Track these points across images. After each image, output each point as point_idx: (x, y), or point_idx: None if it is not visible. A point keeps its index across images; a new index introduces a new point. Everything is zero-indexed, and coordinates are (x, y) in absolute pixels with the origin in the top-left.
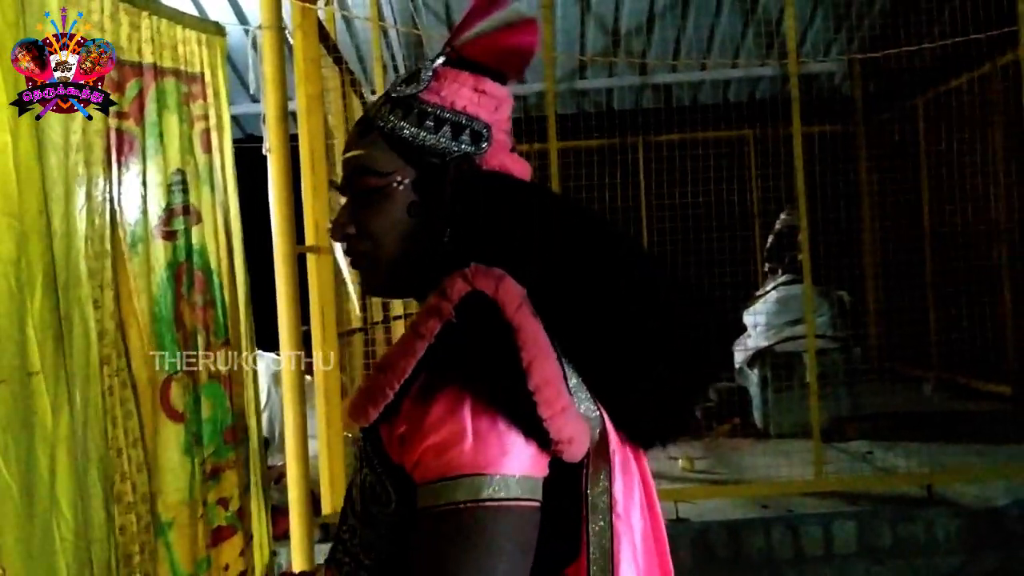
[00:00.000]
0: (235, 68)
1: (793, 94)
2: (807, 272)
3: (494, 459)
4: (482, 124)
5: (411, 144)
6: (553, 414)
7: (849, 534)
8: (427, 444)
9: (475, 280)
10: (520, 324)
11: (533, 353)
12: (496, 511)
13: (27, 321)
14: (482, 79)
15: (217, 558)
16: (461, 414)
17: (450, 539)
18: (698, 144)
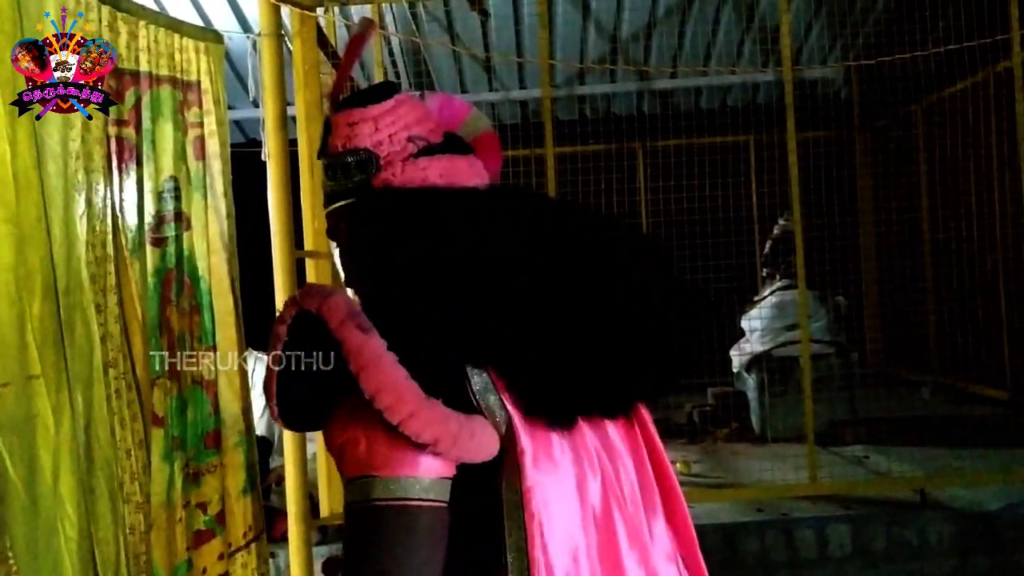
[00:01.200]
0: (237, 73)
1: (787, 100)
2: (801, 277)
3: (383, 460)
4: (362, 153)
5: (332, 197)
6: (402, 419)
7: (843, 537)
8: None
9: (302, 300)
10: (343, 337)
11: (360, 364)
12: (386, 511)
13: (27, 326)
14: (351, 112)
15: (197, 560)
16: (358, 418)
17: (351, 538)
18: (697, 150)
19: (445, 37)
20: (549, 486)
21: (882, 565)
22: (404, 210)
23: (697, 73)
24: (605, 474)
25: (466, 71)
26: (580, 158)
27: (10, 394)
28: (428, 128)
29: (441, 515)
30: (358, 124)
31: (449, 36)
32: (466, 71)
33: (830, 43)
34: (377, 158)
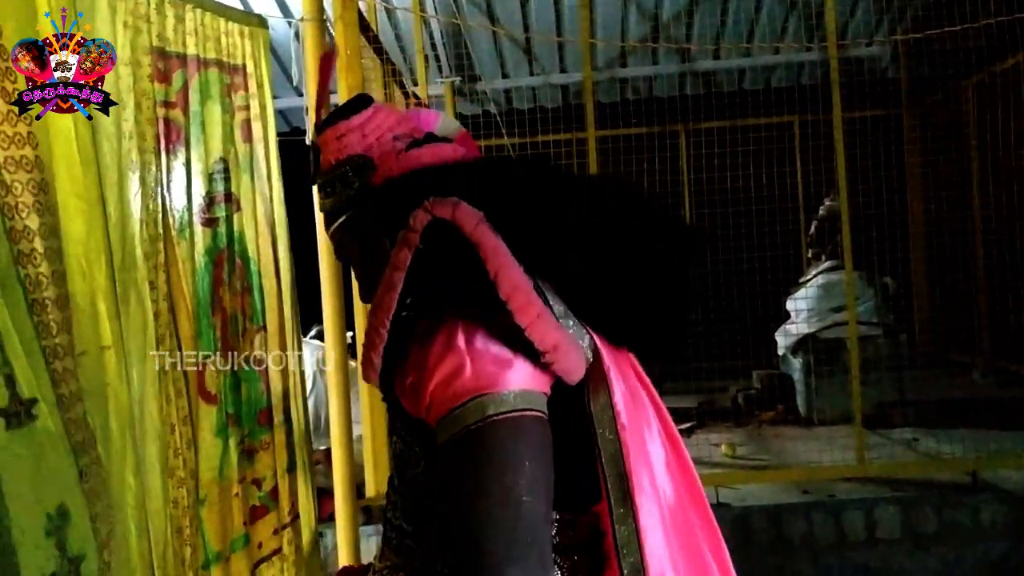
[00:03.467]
0: (280, 61)
1: (833, 77)
2: (848, 258)
3: (493, 378)
4: (356, 158)
5: (332, 215)
6: (531, 321)
7: (892, 520)
8: (434, 383)
9: (434, 209)
10: (480, 239)
11: (497, 264)
12: (505, 424)
13: (99, 297)
14: (336, 126)
15: (253, 535)
16: (457, 345)
17: (469, 460)
18: (741, 131)
19: (486, 20)
20: (629, 404)
21: (933, 547)
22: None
23: (740, 53)
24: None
25: (506, 55)
26: (623, 140)
27: (87, 362)
28: (409, 128)
29: (547, 428)
30: (345, 135)
31: (489, 19)
32: (506, 55)
33: (876, 19)
34: (370, 160)
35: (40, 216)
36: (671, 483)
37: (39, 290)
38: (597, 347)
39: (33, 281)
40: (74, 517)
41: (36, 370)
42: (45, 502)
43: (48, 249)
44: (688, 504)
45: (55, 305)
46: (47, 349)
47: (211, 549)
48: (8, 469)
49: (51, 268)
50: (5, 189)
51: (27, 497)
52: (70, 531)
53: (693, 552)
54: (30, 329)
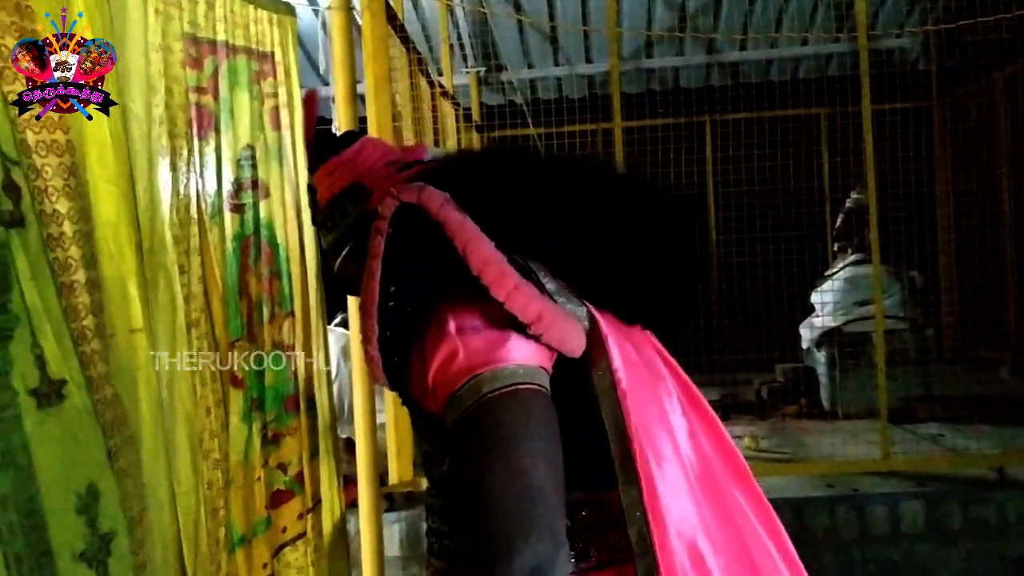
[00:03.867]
0: (306, 50)
1: (863, 68)
2: (875, 251)
3: (484, 357)
4: (351, 189)
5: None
6: (507, 293)
7: (917, 515)
8: (434, 372)
9: (400, 194)
10: (445, 218)
11: (464, 239)
12: (499, 400)
13: (128, 280)
14: (327, 163)
15: (276, 519)
16: (447, 331)
17: (470, 442)
18: (768, 122)
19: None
20: (630, 372)
21: (958, 543)
22: None
23: (767, 44)
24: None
25: (532, 45)
26: (648, 131)
27: (117, 344)
28: (400, 156)
29: (548, 400)
30: (337, 170)
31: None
32: (532, 45)
33: (907, 10)
34: (364, 186)
35: (70, 200)
36: (696, 452)
37: (68, 273)
38: (594, 317)
39: (62, 264)
40: (104, 495)
41: (65, 352)
42: (75, 481)
43: (77, 232)
44: (727, 475)
45: (84, 288)
46: (76, 331)
47: (236, 532)
48: (39, 448)
49: (80, 251)
50: (36, 173)
51: (58, 476)
52: (100, 509)
53: (728, 520)
54: (59, 311)
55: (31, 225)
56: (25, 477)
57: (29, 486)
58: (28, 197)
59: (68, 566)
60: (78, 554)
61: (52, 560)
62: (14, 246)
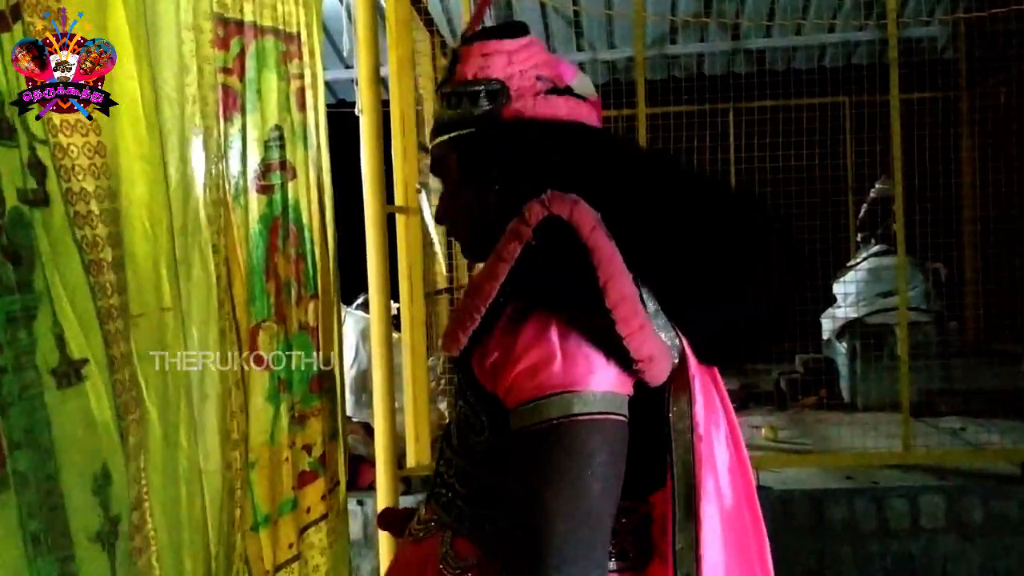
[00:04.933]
0: (329, 34)
1: (891, 55)
2: (901, 243)
3: (582, 377)
4: (495, 83)
5: (447, 127)
6: (631, 332)
7: (937, 509)
8: (519, 368)
9: (551, 205)
10: (595, 245)
11: (609, 272)
12: (587, 424)
13: (160, 260)
14: (486, 43)
15: (302, 500)
16: (549, 337)
17: (546, 455)
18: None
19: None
20: (708, 419)
21: (978, 538)
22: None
23: (792, 31)
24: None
25: (554, 30)
26: (673, 118)
27: (144, 324)
28: (554, 72)
29: (627, 433)
30: (492, 55)
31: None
32: (554, 30)
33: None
34: (508, 90)
35: (96, 179)
36: (732, 487)
37: (95, 251)
38: (685, 351)
39: (90, 242)
40: (115, 477)
41: (89, 331)
42: (93, 462)
43: (104, 211)
44: (744, 507)
45: (111, 267)
46: (102, 310)
47: (260, 512)
48: (59, 428)
49: (107, 230)
50: (62, 152)
51: (76, 456)
52: (112, 491)
53: (745, 557)
54: (85, 290)
55: (55, 204)
56: (44, 457)
57: (48, 465)
58: (54, 176)
59: (84, 547)
60: (94, 535)
61: (70, 540)
62: (37, 226)
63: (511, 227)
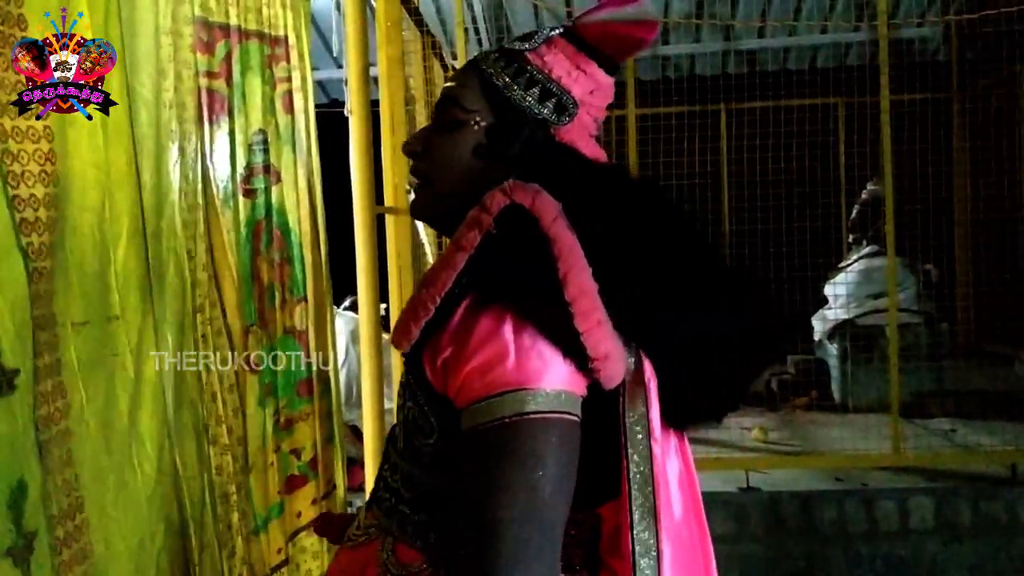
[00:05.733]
0: (320, 32)
1: (882, 58)
2: (891, 244)
3: (536, 374)
4: (570, 99)
5: (499, 92)
6: (589, 327)
7: (926, 511)
8: (472, 366)
9: (513, 193)
10: (556, 235)
11: (569, 264)
12: (540, 423)
13: (109, 268)
14: (588, 60)
15: (290, 505)
16: (503, 333)
17: (498, 453)
18: (784, 112)
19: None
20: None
21: (967, 540)
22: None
23: (785, 32)
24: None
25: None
26: (664, 119)
27: (88, 333)
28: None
29: (579, 433)
30: (585, 75)
31: None
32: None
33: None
34: (575, 116)
35: (45, 186)
36: (681, 501)
37: (40, 259)
38: (641, 361)
39: (36, 249)
40: (31, 491)
41: (23, 340)
42: (8, 475)
43: (50, 218)
44: (693, 521)
45: (52, 275)
46: (38, 319)
47: (259, 516)
48: None
49: (51, 238)
50: (11, 158)
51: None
52: (27, 506)
53: (693, 569)
54: (25, 298)
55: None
56: None
57: None
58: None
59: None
60: (4, 550)
61: None
62: None
63: (471, 215)
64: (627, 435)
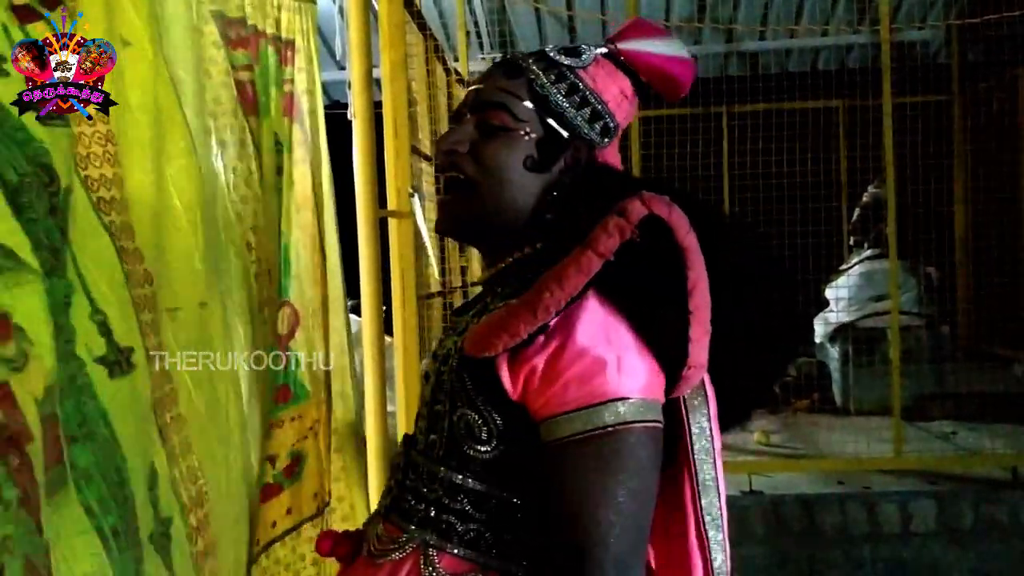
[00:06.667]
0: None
1: (884, 61)
2: (893, 247)
3: (635, 384)
4: (614, 122)
5: (552, 108)
6: (699, 336)
7: (928, 513)
8: (569, 374)
9: (651, 204)
10: (690, 247)
11: (698, 274)
12: (640, 432)
13: (194, 255)
14: (629, 84)
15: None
16: (604, 342)
17: (598, 463)
18: (785, 114)
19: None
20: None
21: (969, 543)
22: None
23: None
24: None
25: (548, 32)
26: (666, 121)
27: (183, 318)
28: None
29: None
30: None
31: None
32: (548, 32)
33: (929, 2)
34: (614, 138)
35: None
36: None
37: (125, 238)
38: None
39: (119, 227)
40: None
41: (128, 319)
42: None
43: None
44: None
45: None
46: (137, 298)
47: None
48: (118, 419)
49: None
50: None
51: (135, 449)
52: (160, 491)
53: None
54: (121, 274)
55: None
56: (109, 449)
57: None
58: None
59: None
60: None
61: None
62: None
63: (612, 222)
64: (691, 441)
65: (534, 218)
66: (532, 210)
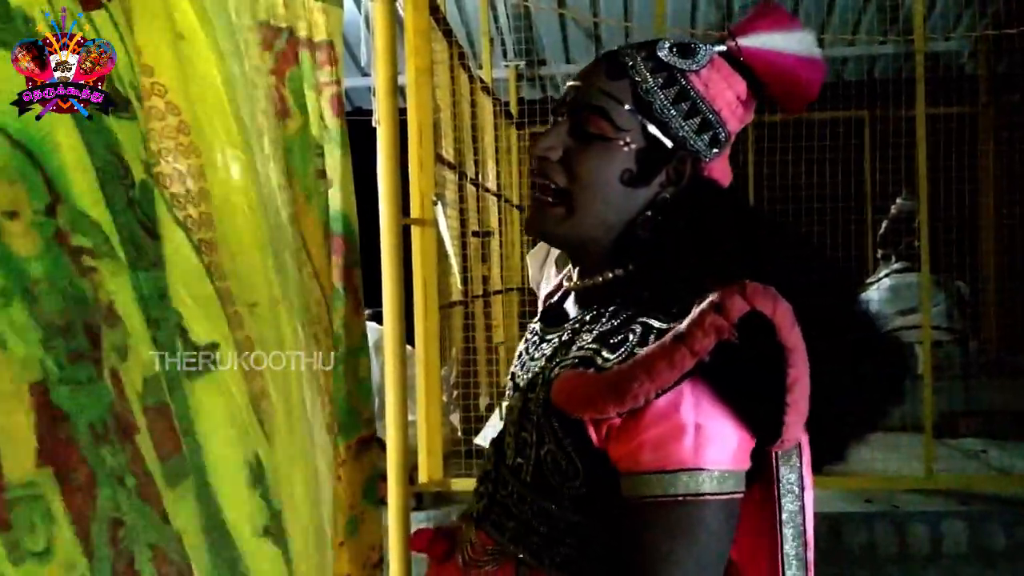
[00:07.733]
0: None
1: (918, 72)
2: (925, 260)
3: (715, 455)
4: (726, 132)
5: (657, 115)
6: (794, 421)
7: (959, 535)
8: (645, 437)
9: (753, 299)
10: (794, 345)
11: (799, 371)
12: (715, 505)
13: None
14: (748, 91)
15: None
16: (684, 409)
17: (668, 531)
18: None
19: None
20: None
21: (1001, 565)
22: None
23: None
24: None
25: (572, 40)
26: None
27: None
28: None
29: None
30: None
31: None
32: (572, 40)
33: (956, 13)
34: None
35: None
36: None
37: (201, 231)
38: None
39: (195, 221)
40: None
41: (211, 313)
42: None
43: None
44: None
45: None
46: (220, 290)
47: None
48: (200, 419)
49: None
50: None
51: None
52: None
53: None
54: (200, 269)
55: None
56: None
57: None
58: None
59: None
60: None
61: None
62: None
63: (709, 320)
64: (781, 481)
65: (628, 236)
66: (625, 227)
